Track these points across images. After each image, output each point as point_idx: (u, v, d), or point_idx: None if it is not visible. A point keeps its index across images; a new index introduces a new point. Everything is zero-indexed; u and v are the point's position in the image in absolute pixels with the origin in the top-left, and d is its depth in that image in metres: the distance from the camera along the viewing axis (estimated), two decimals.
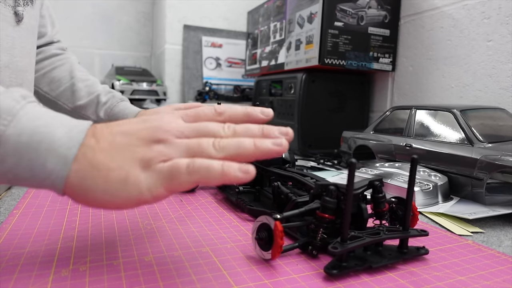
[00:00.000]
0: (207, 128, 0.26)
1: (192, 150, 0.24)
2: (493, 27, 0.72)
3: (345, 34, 0.87)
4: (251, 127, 0.26)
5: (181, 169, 0.23)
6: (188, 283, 0.26)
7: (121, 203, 0.24)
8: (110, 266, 0.28)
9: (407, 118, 0.64)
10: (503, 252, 0.34)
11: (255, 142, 0.25)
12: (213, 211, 0.44)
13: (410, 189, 0.32)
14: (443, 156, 0.55)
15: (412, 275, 0.28)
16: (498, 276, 0.29)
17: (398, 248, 0.32)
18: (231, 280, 0.27)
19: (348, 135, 0.77)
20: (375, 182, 0.34)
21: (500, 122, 0.58)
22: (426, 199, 0.50)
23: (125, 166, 0.24)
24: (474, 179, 0.50)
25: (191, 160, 0.24)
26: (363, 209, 0.33)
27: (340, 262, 0.28)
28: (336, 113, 0.95)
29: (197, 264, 0.29)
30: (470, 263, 0.31)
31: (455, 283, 0.27)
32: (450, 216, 0.45)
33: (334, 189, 0.31)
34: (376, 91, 1.02)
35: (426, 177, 0.54)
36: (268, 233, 0.30)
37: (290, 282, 0.27)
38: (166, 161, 0.24)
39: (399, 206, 0.36)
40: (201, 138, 0.25)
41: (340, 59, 0.87)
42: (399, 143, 0.63)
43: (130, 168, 0.24)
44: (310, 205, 0.33)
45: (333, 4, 0.85)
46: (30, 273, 0.27)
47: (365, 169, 0.61)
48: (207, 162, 0.23)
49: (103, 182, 0.23)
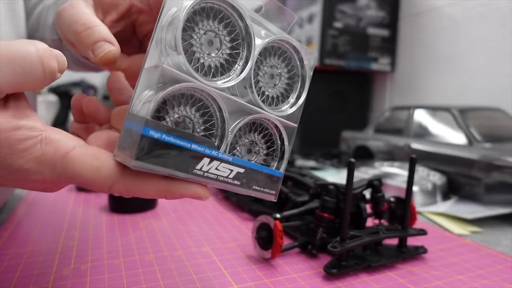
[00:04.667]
0: None
1: None
2: (492, 27, 0.72)
3: (344, 34, 0.87)
4: None
5: None
6: (188, 282, 0.26)
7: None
8: (111, 265, 0.28)
9: (407, 118, 0.64)
10: (502, 251, 0.34)
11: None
12: (214, 210, 0.44)
13: (409, 189, 0.32)
14: (442, 156, 0.55)
15: (411, 274, 0.29)
16: (497, 275, 0.29)
17: (397, 247, 0.32)
18: (231, 279, 0.27)
19: (348, 135, 0.77)
20: (374, 182, 0.34)
21: (499, 122, 0.59)
22: (425, 199, 0.50)
23: None
24: (473, 178, 0.50)
25: None
26: (362, 208, 0.33)
27: (339, 261, 0.29)
28: (336, 113, 0.95)
29: (197, 264, 0.29)
30: (468, 262, 0.31)
31: (454, 282, 0.28)
32: (449, 215, 0.46)
33: (333, 189, 0.31)
34: (375, 91, 1.03)
35: (425, 176, 0.54)
36: (268, 232, 0.30)
37: (290, 282, 0.27)
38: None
39: (398, 206, 0.36)
40: None
41: (339, 60, 0.88)
42: (398, 143, 0.63)
43: None
44: (309, 205, 0.33)
45: (333, 4, 0.85)
46: (32, 271, 0.27)
47: (365, 169, 0.61)
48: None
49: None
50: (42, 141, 0.19)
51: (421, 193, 0.50)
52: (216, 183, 0.21)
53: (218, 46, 0.21)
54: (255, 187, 0.22)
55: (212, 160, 0.20)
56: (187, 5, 0.20)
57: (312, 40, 0.88)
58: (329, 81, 0.94)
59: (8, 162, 0.19)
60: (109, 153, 0.20)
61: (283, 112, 0.24)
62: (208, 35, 0.21)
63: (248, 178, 0.22)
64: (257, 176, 0.22)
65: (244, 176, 0.22)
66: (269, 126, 0.23)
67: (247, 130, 0.23)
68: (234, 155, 0.22)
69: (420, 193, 0.50)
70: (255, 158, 0.23)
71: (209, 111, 0.21)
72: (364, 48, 0.90)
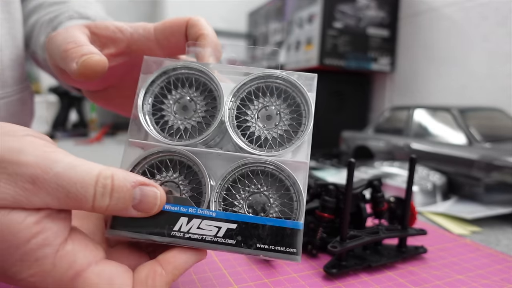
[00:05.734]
0: None
1: None
2: (491, 28, 0.72)
3: (344, 35, 0.87)
4: None
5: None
6: (189, 282, 0.26)
7: None
8: None
9: (406, 118, 0.64)
10: (501, 251, 0.34)
11: None
12: None
13: (409, 189, 0.32)
14: (441, 156, 0.55)
15: (411, 274, 0.29)
16: (497, 275, 0.29)
17: (397, 247, 0.32)
18: (231, 279, 0.27)
19: (348, 135, 0.77)
20: (374, 182, 0.34)
21: (498, 122, 0.59)
22: (425, 199, 0.51)
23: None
24: (473, 178, 0.50)
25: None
26: (362, 208, 0.33)
27: (339, 261, 0.29)
28: (336, 113, 0.95)
29: (197, 264, 0.29)
30: (468, 262, 0.31)
31: (453, 282, 0.28)
32: (448, 215, 0.46)
33: (333, 189, 0.31)
34: (375, 91, 1.03)
35: (425, 176, 0.54)
36: None
37: (290, 281, 0.27)
38: None
39: (398, 206, 0.36)
40: None
41: (339, 60, 0.88)
42: (398, 143, 0.63)
43: None
44: (309, 205, 0.33)
45: (333, 5, 0.85)
46: None
47: (364, 168, 0.61)
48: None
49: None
50: (58, 252, 0.17)
51: (421, 193, 0.50)
52: (205, 245, 0.19)
53: (194, 107, 0.22)
54: (258, 245, 0.19)
55: (190, 218, 0.19)
56: (148, 81, 0.22)
57: (312, 40, 0.88)
58: (329, 81, 0.94)
59: (13, 270, 0.16)
60: (129, 273, 0.19)
61: (284, 152, 0.21)
62: (182, 101, 0.22)
63: (244, 235, 0.19)
64: (257, 231, 0.19)
65: (238, 232, 0.19)
66: (272, 170, 0.21)
67: (246, 181, 0.21)
68: (234, 211, 0.20)
69: (420, 193, 0.50)
70: (269, 211, 0.20)
71: (192, 171, 0.21)
72: (364, 48, 0.90)
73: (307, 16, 0.91)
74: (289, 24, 0.99)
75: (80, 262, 0.17)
